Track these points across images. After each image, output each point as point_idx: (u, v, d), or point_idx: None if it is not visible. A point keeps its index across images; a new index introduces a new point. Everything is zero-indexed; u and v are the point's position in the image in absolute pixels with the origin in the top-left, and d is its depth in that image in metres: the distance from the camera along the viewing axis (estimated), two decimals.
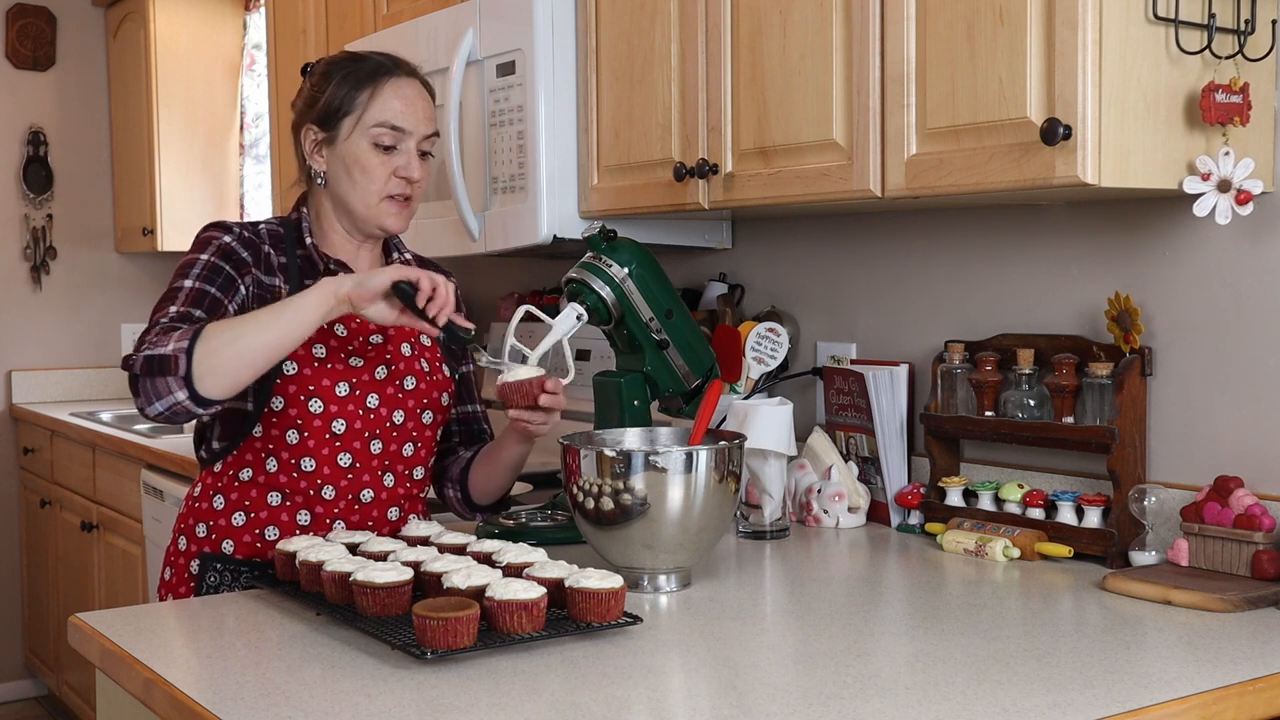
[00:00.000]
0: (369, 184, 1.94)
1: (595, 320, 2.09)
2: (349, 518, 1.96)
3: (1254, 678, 1.42)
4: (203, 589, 1.94)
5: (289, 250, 1.97)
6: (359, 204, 1.96)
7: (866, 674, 1.44)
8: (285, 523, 1.94)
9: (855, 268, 2.49)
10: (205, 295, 1.87)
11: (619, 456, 1.76)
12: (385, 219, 1.97)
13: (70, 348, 5.08)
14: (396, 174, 1.95)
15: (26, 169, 4.98)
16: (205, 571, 1.95)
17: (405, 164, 1.95)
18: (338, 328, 1.95)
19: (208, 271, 1.89)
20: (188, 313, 1.84)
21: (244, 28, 4.93)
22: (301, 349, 1.90)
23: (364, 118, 1.94)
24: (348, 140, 1.94)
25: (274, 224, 2.01)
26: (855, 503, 2.28)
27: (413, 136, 1.96)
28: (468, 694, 1.38)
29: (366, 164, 1.94)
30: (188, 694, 1.39)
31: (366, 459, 1.96)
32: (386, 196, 1.95)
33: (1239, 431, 1.91)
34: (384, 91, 1.94)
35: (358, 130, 1.94)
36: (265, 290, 1.93)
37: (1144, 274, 2.01)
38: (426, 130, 1.98)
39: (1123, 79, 1.68)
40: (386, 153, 1.94)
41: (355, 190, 1.95)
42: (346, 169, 1.95)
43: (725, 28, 2.18)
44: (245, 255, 1.93)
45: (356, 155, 1.94)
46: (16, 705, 4.94)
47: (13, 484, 5.00)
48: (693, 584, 1.86)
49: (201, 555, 1.96)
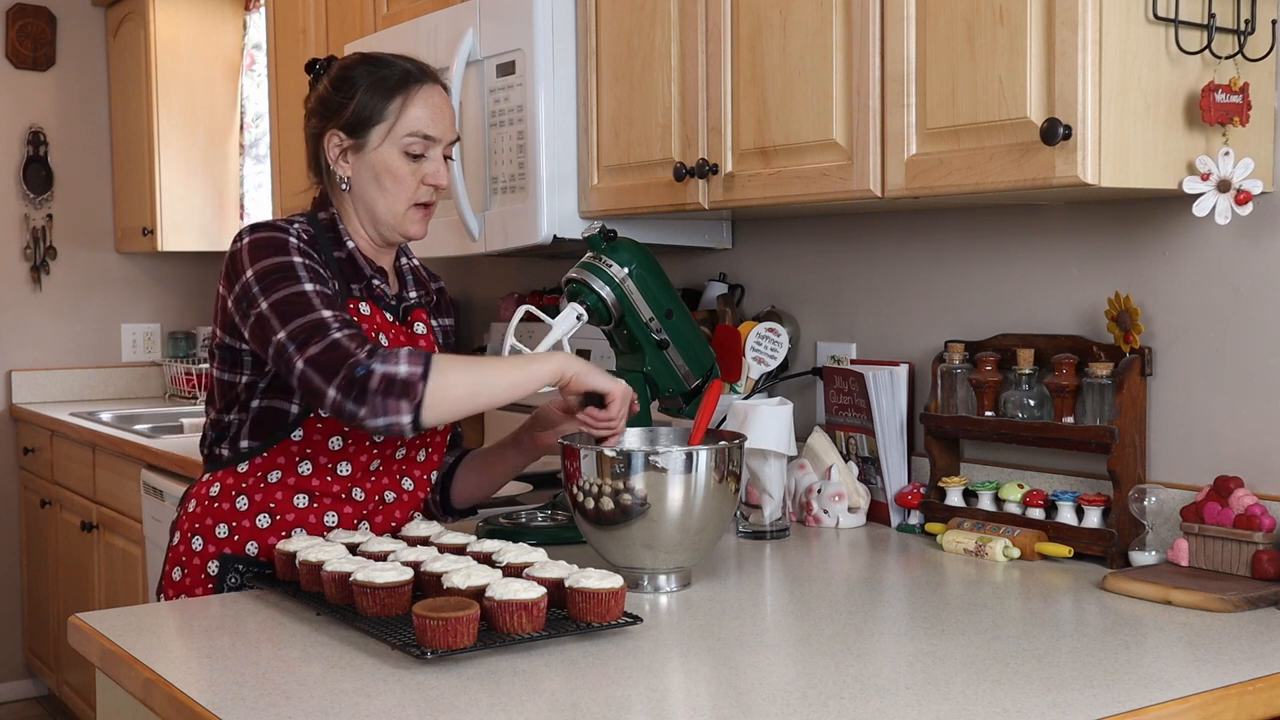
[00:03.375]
0: (400, 192, 1.94)
1: (595, 320, 2.09)
2: (374, 519, 1.97)
3: (1254, 678, 1.42)
4: (223, 590, 1.93)
5: (325, 251, 1.93)
6: (386, 211, 1.94)
7: (866, 674, 1.44)
8: (313, 524, 1.93)
9: (855, 268, 2.49)
10: (333, 300, 1.82)
11: (619, 456, 1.76)
12: (410, 226, 1.96)
13: (70, 348, 5.07)
14: (425, 181, 1.94)
15: (26, 169, 4.98)
16: (226, 573, 1.93)
17: (434, 171, 1.95)
18: (381, 336, 1.93)
19: (310, 272, 1.83)
20: (344, 317, 1.79)
21: (244, 28, 4.93)
22: None
23: (396, 127, 1.92)
24: (378, 149, 1.93)
25: (303, 222, 1.96)
26: (855, 503, 2.28)
27: (441, 143, 1.96)
28: (468, 694, 1.38)
29: (398, 172, 1.93)
30: (188, 694, 1.39)
31: (390, 464, 1.98)
32: (414, 204, 1.95)
33: (1239, 431, 1.91)
34: (415, 100, 1.93)
35: (389, 140, 1.93)
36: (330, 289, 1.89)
37: (1144, 274, 2.01)
38: (452, 136, 1.98)
39: (1123, 79, 1.68)
40: (416, 160, 1.94)
41: (384, 197, 1.94)
42: (376, 177, 1.94)
43: (725, 28, 2.18)
44: (314, 253, 1.89)
45: (388, 164, 1.93)
46: (16, 705, 4.94)
47: (13, 484, 5.00)
48: (693, 584, 1.86)
49: (222, 556, 1.94)
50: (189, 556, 1.97)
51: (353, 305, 1.92)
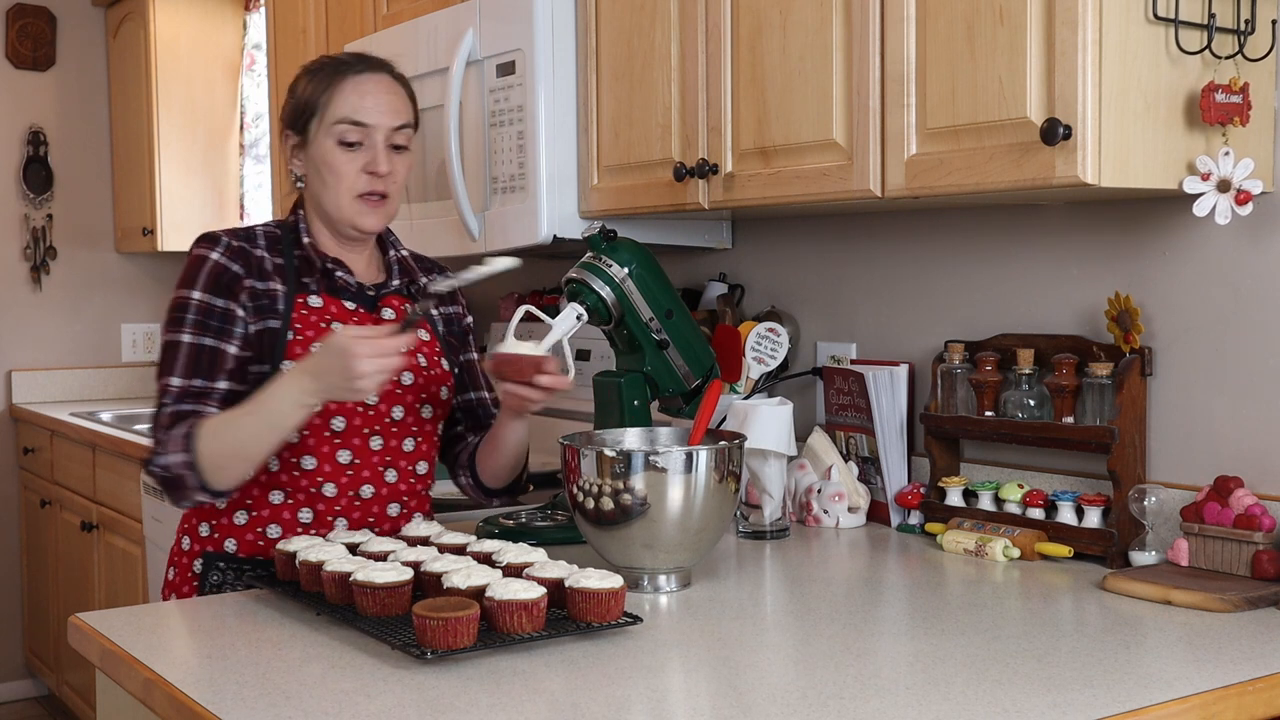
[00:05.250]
0: (338, 183, 1.94)
1: (595, 320, 2.09)
2: (350, 514, 1.96)
3: (1254, 678, 1.42)
4: (206, 588, 1.95)
5: (286, 252, 1.97)
6: (332, 204, 1.95)
7: (866, 674, 1.44)
8: (287, 520, 1.94)
9: (855, 268, 2.49)
10: (201, 353, 1.88)
11: (619, 456, 1.76)
12: (359, 218, 1.96)
13: (70, 348, 5.07)
14: (364, 170, 1.94)
15: (26, 169, 4.98)
16: (209, 571, 1.95)
17: (372, 159, 1.94)
18: (334, 325, 1.94)
19: (200, 315, 1.89)
20: (186, 387, 1.86)
21: (244, 28, 4.93)
22: (300, 349, 1.90)
23: (326, 116, 1.93)
24: (316, 142, 1.95)
25: (272, 227, 2.02)
26: (855, 503, 2.28)
27: (378, 130, 1.94)
28: (468, 694, 1.38)
29: (333, 163, 1.94)
30: (188, 694, 1.39)
31: (367, 455, 1.96)
32: (358, 195, 1.94)
33: (1239, 431, 1.91)
34: (344, 88, 1.94)
35: (322, 130, 1.94)
36: (262, 297, 1.92)
37: (1144, 274, 2.01)
38: (393, 122, 1.95)
39: (1123, 79, 1.68)
40: (352, 149, 1.94)
41: (327, 191, 1.95)
42: (318, 170, 1.95)
43: (725, 28, 2.18)
44: (236, 268, 1.92)
45: (324, 155, 1.94)
46: (16, 705, 4.94)
47: (13, 484, 5.00)
48: (693, 584, 1.86)
49: (205, 554, 1.96)
50: (179, 556, 2.01)
51: (301, 299, 1.94)
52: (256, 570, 1.92)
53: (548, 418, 3.06)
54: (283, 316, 1.92)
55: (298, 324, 1.92)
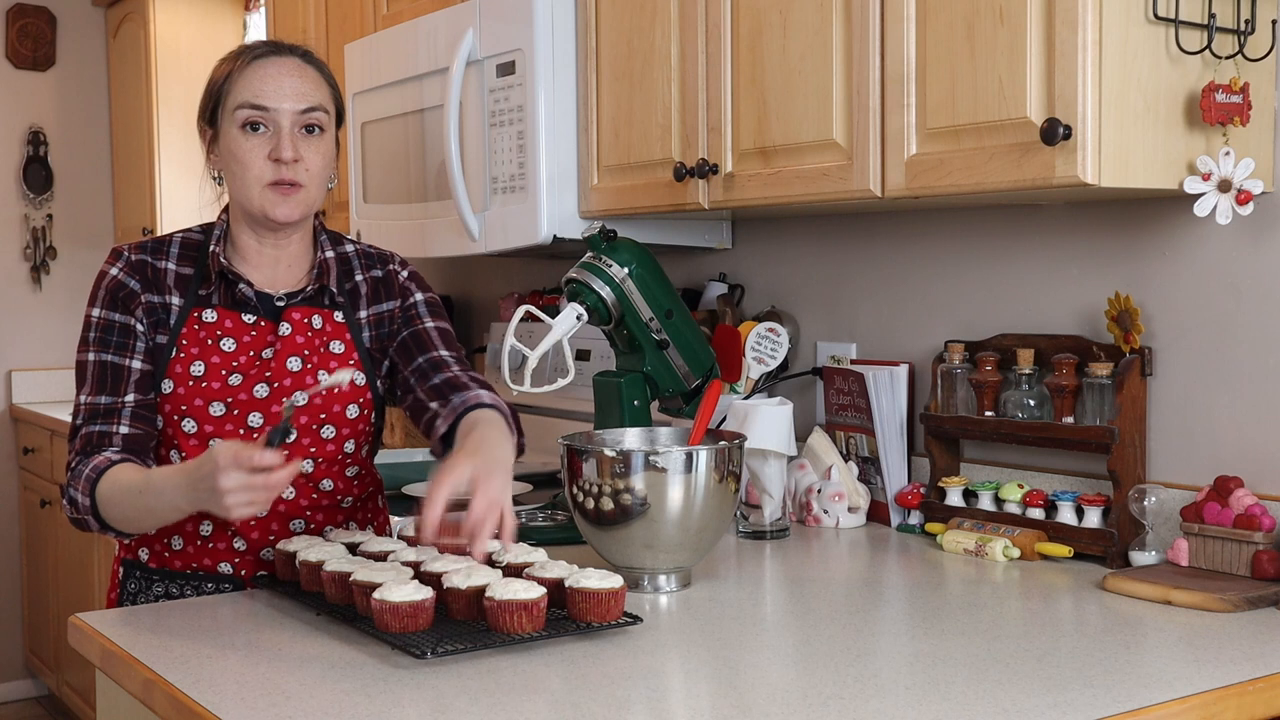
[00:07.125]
0: (245, 172, 1.84)
1: (595, 320, 2.09)
2: (247, 532, 1.88)
3: (1254, 678, 1.42)
4: (124, 596, 1.93)
5: (200, 260, 1.91)
6: (243, 196, 1.87)
7: (866, 674, 1.44)
8: (189, 532, 1.89)
9: (855, 268, 2.49)
10: (105, 369, 1.85)
11: (619, 456, 1.76)
12: (271, 209, 1.85)
13: (70, 348, 5.01)
14: (269, 157, 1.84)
15: (26, 169, 4.98)
16: (127, 578, 1.94)
17: (276, 145, 1.83)
18: (224, 342, 1.87)
19: (100, 333, 1.87)
20: (95, 405, 1.83)
21: (244, 28, 4.93)
22: (179, 367, 1.85)
23: (228, 102, 1.85)
24: (222, 131, 1.88)
25: (195, 232, 1.95)
26: (855, 503, 2.28)
27: (281, 114, 1.83)
28: (467, 694, 1.38)
29: (237, 151, 1.85)
30: (188, 694, 1.39)
31: None
32: (267, 184, 1.84)
33: (1239, 431, 1.91)
34: (244, 72, 1.85)
35: (226, 117, 1.86)
36: (157, 311, 1.87)
37: (1144, 274, 2.01)
38: (298, 105, 1.84)
39: (1123, 79, 1.68)
40: (256, 134, 1.84)
41: (236, 182, 1.87)
42: (227, 162, 1.88)
43: (725, 28, 2.18)
44: (132, 284, 1.87)
45: (229, 144, 1.86)
46: (16, 705, 4.94)
47: (13, 484, 5.00)
48: (693, 584, 1.86)
49: (124, 562, 1.95)
50: (114, 560, 2.01)
51: (196, 313, 1.88)
52: (164, 582, 1.90)
53: (548, 418, 3.06)
54: (171, 332, 1.87)
55: (184, 339, 1.86)
